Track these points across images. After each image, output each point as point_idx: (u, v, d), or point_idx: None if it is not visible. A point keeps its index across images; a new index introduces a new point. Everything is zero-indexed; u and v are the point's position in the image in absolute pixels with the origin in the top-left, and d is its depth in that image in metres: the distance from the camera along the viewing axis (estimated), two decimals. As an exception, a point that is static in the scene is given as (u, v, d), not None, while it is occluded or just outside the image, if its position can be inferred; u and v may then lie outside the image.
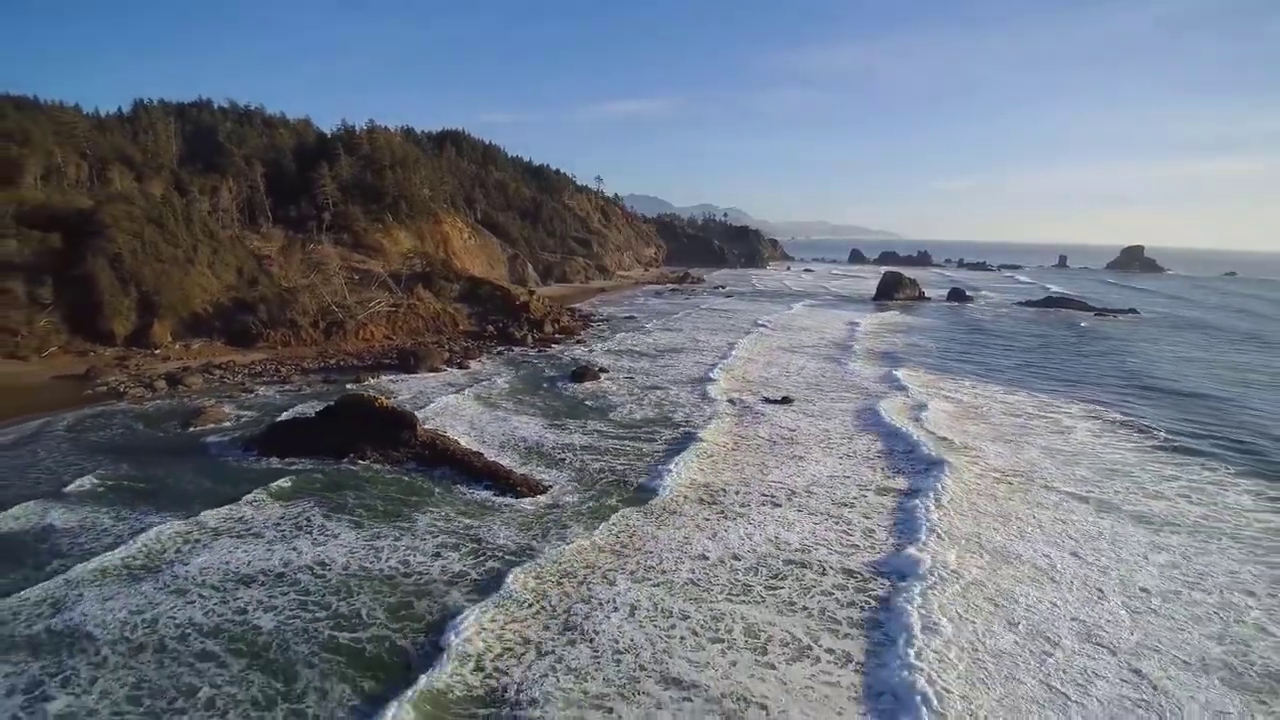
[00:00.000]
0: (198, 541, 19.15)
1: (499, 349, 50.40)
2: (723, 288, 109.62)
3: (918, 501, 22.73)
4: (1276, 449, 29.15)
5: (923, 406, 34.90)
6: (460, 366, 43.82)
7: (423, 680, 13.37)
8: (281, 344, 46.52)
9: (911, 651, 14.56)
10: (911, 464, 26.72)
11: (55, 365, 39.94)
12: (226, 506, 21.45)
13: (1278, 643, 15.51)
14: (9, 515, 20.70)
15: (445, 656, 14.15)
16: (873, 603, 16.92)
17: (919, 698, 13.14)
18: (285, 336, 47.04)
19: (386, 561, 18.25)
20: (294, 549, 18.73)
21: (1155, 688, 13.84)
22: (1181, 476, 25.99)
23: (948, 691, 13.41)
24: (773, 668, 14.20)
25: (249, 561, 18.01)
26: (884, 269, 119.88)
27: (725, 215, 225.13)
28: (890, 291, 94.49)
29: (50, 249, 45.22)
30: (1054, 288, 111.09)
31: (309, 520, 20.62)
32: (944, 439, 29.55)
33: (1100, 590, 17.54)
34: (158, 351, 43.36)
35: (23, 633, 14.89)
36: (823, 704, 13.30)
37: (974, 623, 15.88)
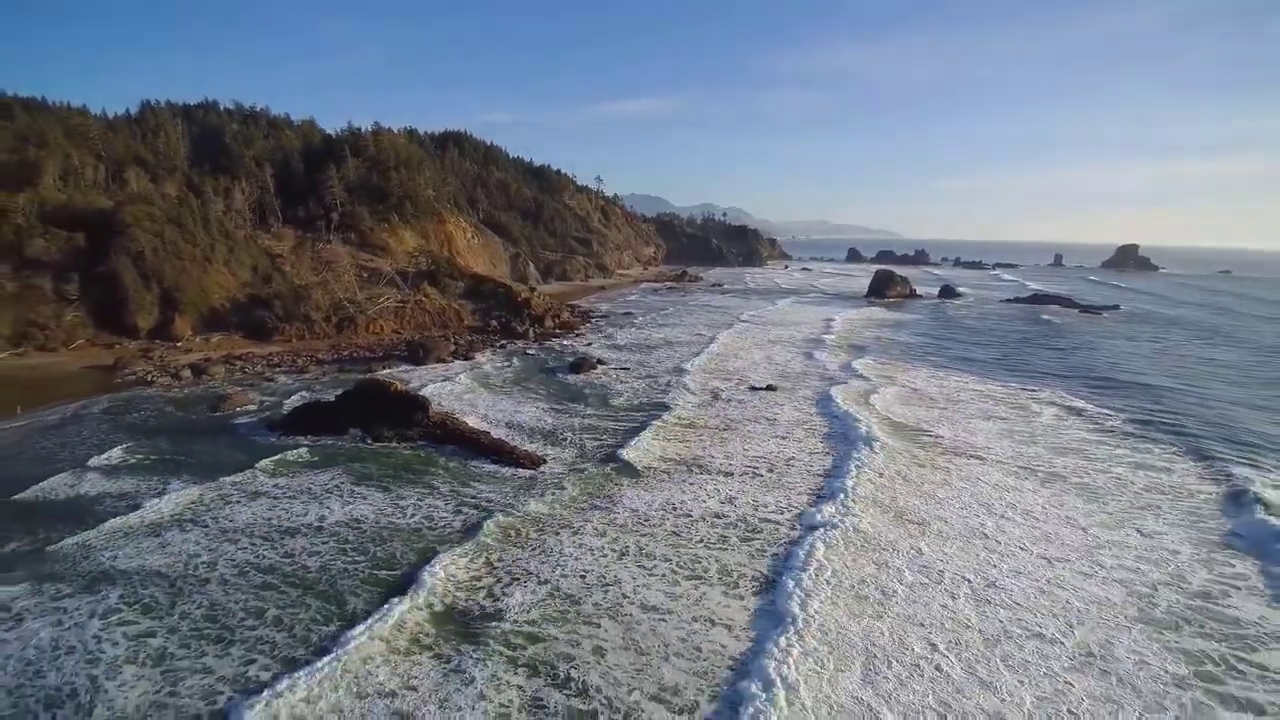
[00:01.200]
0: (238, 502, 21.74)
1: (502, 343, 52.92)
2: (719, 285, 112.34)
3: (855, 470, 24.85)
4: (1226, 434, 30.65)
5: (876, 392, 37.26)
6: (465, 358, 46.32)
7: (437, 603, 15.98)
8: (297, 337, 49.13)
9: (800, 594, 16.73)
10: (859, 442, 28.30)
11: (84, 357, 42.52)
12: (261, 474, 24.05)
13: (1190, 590, 17.25)
14: (62, 480, 23.38)
15: (457, 584, 16.80)
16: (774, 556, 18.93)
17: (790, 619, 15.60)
18: (300, 330, 49.65)
19: (411, 518, 20.90)
20: (327, 508, 21.32)
21: (1057, 613, 15.99)
22: (1131, 456, 27.52)
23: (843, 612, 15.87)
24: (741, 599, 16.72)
25: (288, 517, 20.61)
26: (878, 268, 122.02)
27: (725, 215, 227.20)
28: (881, 289, 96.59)
29: (75, 247, 47.80)
30: (1036, 285, 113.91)
31: (337, 486, 23.22)
32: (899, 422, 31.68)
33: (1030, 540, 19.65)
34: (179, 344, 45.91)
35: (96, 569, 17.40)
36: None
37: (903, 568, 18.12)
